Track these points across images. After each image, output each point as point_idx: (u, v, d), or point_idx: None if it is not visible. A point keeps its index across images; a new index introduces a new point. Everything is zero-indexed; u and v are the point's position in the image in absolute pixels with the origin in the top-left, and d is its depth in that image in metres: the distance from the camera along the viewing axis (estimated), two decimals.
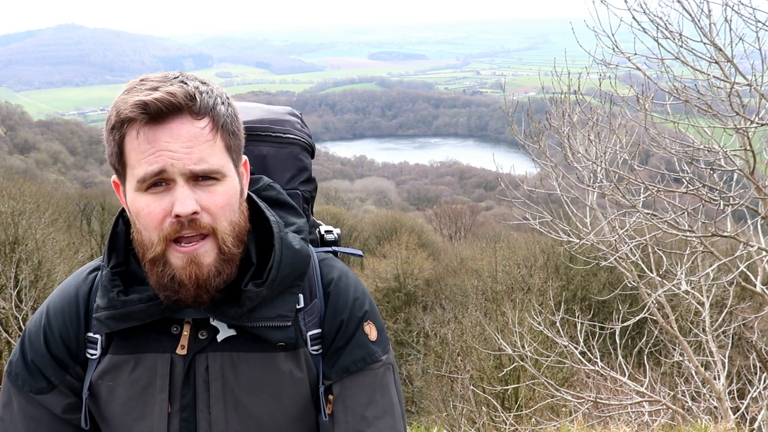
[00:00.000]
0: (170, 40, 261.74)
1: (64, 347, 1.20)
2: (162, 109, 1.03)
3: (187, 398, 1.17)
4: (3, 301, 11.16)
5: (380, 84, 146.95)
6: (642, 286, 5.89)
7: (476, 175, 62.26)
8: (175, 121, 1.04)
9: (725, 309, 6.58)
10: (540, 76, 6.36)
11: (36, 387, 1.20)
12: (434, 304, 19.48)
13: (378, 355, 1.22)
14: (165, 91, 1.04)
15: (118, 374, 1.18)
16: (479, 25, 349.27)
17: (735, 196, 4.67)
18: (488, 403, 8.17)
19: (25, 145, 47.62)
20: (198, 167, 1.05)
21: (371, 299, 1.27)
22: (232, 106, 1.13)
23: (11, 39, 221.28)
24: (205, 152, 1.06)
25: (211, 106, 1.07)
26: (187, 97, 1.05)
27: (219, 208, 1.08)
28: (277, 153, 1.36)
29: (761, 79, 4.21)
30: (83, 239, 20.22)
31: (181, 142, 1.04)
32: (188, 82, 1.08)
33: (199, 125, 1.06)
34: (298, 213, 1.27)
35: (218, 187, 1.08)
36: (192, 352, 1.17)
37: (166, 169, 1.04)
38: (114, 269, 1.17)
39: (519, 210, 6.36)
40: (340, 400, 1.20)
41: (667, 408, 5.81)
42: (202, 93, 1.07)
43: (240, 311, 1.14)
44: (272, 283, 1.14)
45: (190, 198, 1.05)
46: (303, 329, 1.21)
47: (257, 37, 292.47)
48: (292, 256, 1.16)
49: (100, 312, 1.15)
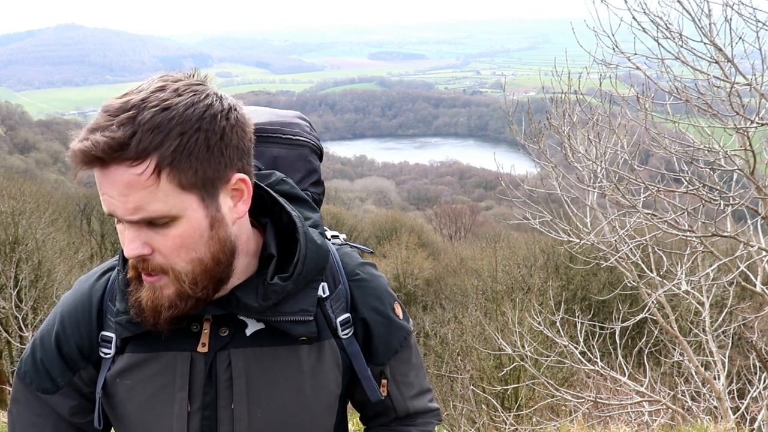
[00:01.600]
0: (170, 40, 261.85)
1: (75, 348, 1.20)
2: (90, 160, 0.98)
3: (209, 396, 1.17)
4: (3, 300, 11.17)
5: (380, 84, 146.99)
6: (642, 286, 5.89)
7: (476, 175, 62.31)
8: (112, 166, 0.98)
9: (725, 309, 6.58)
10: (540, 76, 6.37)
11: (42, 387, 1.21)
12: (434, 304, 19.51)
13: (410, 330, 1.34)
14: (92, 140, 0.96)
15: (137, 373, 1.17)
16: (479, 25, 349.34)
17: (735, 196, 4.67)
18: (488, 403, 8.18)
19: (25, 145, 47.66)
20: (134, 217, 1.00)
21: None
22: (204, 130, 1.00)
23: (11, 39, 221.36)
24: (144, 200, 0.99)
25: (154, 146, 0.96)
26: (111, 148, 0.95)
27: (170, 250, 1.04)
28: (287, 154, 1.36)
29: (761, 78, 4.21)
30: (83, 239, 20.21)
31: (117, 189, 0.99)
32: (140, 114, 0.97)
33: (135, 171, 0.97)
34: (312, 207, 1.26)
35: (170, 229, 1.03)
36: (213, 350, 1.16)
37: (114, 212, 1.02)
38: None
39: (519, 210, 6.36)
40: (392, 380, 1.31)
41: (667, 408, 5.81)
42: (146, 131, 0.96)
43: (265, 305, 1.13)
44: (298, 277, 1.14)
45: (134, 241, 1.03)
46: (332, 316, 1.23)
47: (257, 37, 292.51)
48: (316, 250, 1.17)
49: (120, 316, 1.15)
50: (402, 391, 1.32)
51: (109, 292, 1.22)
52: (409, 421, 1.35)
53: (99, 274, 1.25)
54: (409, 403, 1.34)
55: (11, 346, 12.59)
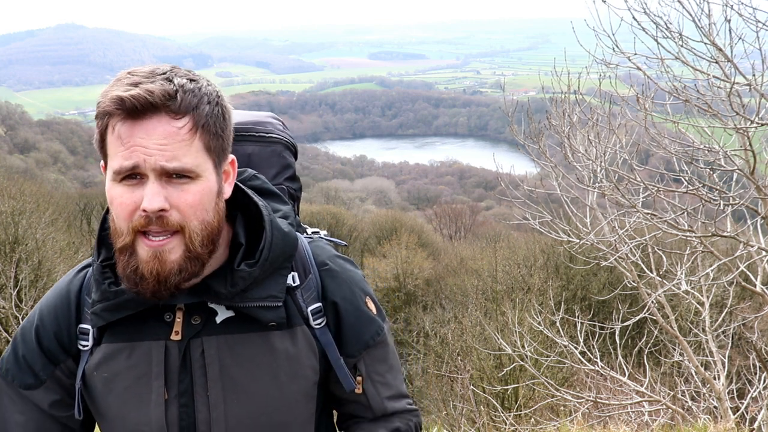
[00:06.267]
0: (170, 40, 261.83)
1: (55, 341, 1.23)
2: (137, 107, 1.03)
3: (185, 384, 1.19)
4: (3, 300, 11.16)
5: (380, 84, 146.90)
6: (642, 286, 5.89)
7: (476, 175, 62.27)
8: (152, 119, 1.04)
9: (725, 309, 6.58)
10: (540, 75, 6.36)
11: (25, 383, 1.23)
12: (434, 304, 19.50)
13: (383, 326, 1.33)
14: (144, 89, 1.03)
15: (114, 364, 1.19)
16: (479, 25, 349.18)
17: (735, 196, 4.67)
18: (488, 403, 8.18)
19: (25, 145, 47.63)
20: (170, 164, 1.05)
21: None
22: (220, 105, 1.12)
23: (11, 39, 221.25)
24: (180, 151, 1.06)
25: (193, 106, 1.06)
26: (165, 96, 1.04)
27: (189, 206, 1.08)
28: (261, 151, 1.42)
29: (761, 79, 4.20)
30: (83, 239, 20.20)
31: (155, 139, 1.04)
32: (174, 78, 1.07)
33: (177, 124, 1.05)
34: (283, 201, 1.31)
35: (191, 186, 1.08)
36: (186, 338, 1.19)
37: (139, 164, 1.05)
38: (104, 263, 1.19)
39: (519, 210, 6.36)
40: (367, 377, 1.31)
41: (666, 408, 5.81)
42: (185, 92, 1.06)
43: (233, 291, 1.16)
44: (264, 263, 1.17)
45: (159, 195, 1.05)
46: (302, 306, 1.25)
47: (257, 37, 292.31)
48: (282, 237, 1.20)
49: (95, 305, 1.17)
50: (379, 390, 1.32)
51: (86, 287, 1.25)
52: (387, 419, 1.35)
53: (77, 271, 1.29)
54: (387, 403, 1.33)
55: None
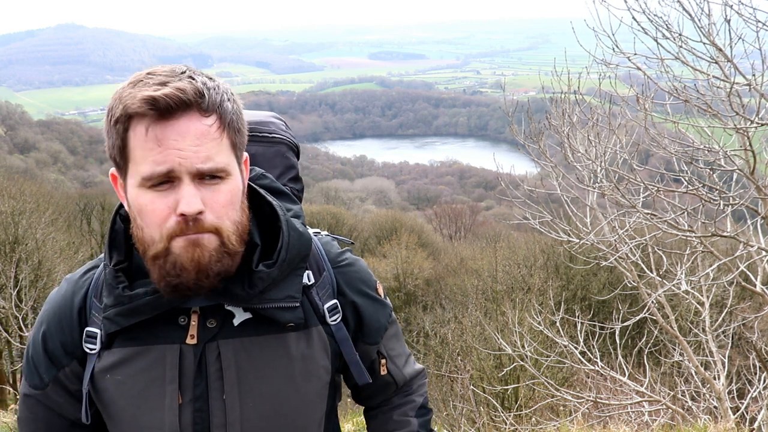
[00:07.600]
0: (170, 40, 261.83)
1: (59, 345, 1.22)
2: (171, 106, 1.01)
3: (200, 388, 1.17)
4: (3, 300, 11.17)
5: (380, 84, 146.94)
6: (642, 286, 5.89)
7: (476, 175, 62.29)
8: (183, 118, 1.03)
9: (725, 309, 6.58)
10: (540, 75, 6.37)
11: (33, 383, 1.24)
12: (434, 304, 19.49)
13: (391, 306, 1.41)
14: (174, 87, 1.02)
15: (127, 368, 1.17)
16: (479, 25, 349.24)
17: (735, 196, 4.67)
18: (488, 403, 8.18)
19: (25, 145, 47.65)
20: (205, 166, 1.04)
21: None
22: (236, 102, 1.12)
23: (11, 39, 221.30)
24: (212, 150, 1.04)
25: (218, 103, 1.06)
26: (196, 93, 1.03)
27: (222, 207, 1.07)
28: (265, 151, 1.41)
29: (761, 79, 4.20)
30: (83, 239, 20.23)
31: (189, 140, 1.03)
32: (196, 77, 1.06)
33: (207, 122, 1.04)
34: (293, 200, 1.31)
35: (222, 185, 1.07)
36: (202, 342, 1.17)
37: (174, 168, 1.03)
38: (116, 266, 1.17)
39: (519, 210, 6.35)
40: (389, 358, 1.38)
41: (667, 408, 5.81)
42: (210, 89, 1.05)
43: (251, 293, 1.14)
44: (282, 264, 1.16)
45: (196, 197, 1.04)
46: (318, 303, 1.25)
47: (257, 37, 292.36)
48: (298, 237, 1.19)
49: (108, 310, 1.15)
50: (397, 363, 1.41)
51: (94, 289, 1.23)
52: (407, 389, 1.44)
53: (82, 273, 1.27)
54: (404, 371, 1.42)
55: (11, 346, 12.61)
